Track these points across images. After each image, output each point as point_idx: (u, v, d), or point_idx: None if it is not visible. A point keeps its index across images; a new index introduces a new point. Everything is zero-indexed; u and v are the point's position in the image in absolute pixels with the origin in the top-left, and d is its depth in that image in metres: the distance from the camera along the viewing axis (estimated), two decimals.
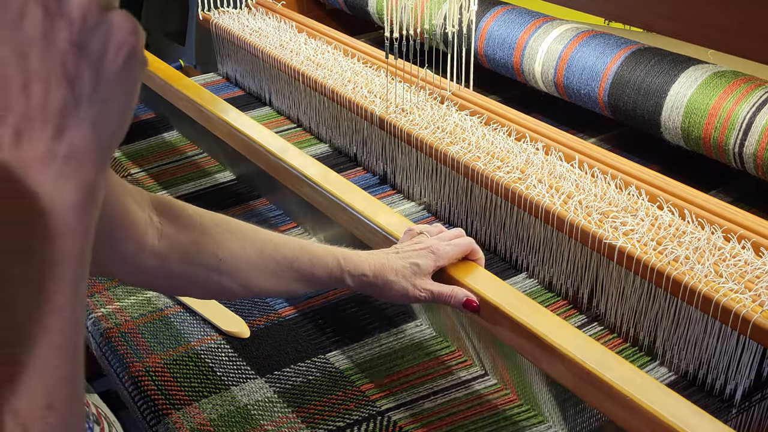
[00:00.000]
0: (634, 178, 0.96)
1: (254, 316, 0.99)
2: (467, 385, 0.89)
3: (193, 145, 1.42)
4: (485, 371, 0.90)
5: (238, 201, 1.26)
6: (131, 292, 1.03)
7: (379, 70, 1.28)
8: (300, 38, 1.43)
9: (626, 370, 0.72)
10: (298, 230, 1.17)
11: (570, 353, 0.74)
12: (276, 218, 1.21)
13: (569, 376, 0.74)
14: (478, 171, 1.01)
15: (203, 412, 0.85)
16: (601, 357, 0.74)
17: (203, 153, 1.40)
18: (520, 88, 1.45)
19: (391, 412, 0.86)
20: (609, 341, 0.92)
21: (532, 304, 0.81)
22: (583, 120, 1.35)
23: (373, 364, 0.92)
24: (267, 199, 1.25)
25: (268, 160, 1.13)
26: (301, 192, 1.08)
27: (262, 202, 1.25)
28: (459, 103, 1.16)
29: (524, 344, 0.78)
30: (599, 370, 0.72)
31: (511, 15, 1.35)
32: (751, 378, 0.82)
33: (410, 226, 0.90)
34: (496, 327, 0.81)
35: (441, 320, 0.95)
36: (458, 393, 0.88)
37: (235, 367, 0.91)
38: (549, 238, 0.96)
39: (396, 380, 0.90)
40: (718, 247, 0.85)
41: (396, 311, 1.00)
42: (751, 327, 0.76)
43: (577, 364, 0.73)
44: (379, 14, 1.57)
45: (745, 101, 1.03)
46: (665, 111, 1.11)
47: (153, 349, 0.94)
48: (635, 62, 1.17)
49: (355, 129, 1.25)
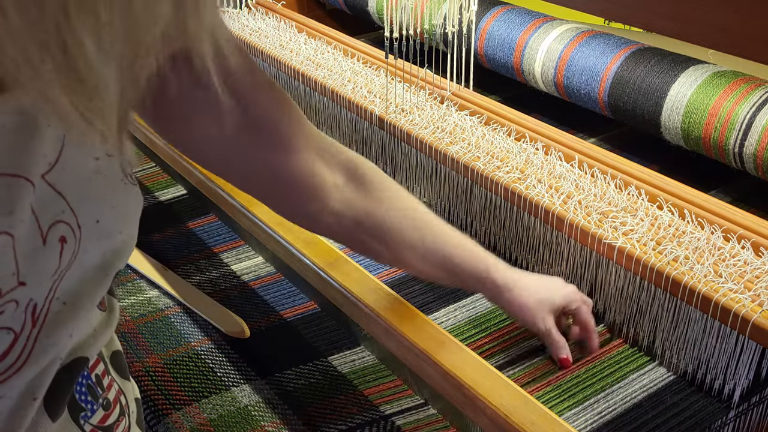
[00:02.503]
0: (634, 178, 0.96)
1: (254, 317, 0.99)
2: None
3: (146, 158, 1.36)
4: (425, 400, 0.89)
5: (186, 217, 1.20)
6: (131, 292, 1.03)
7: (379, 70, 1.28)
8: (300, 38, 1.43)
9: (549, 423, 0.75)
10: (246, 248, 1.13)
11: (493, 404, 0.77)
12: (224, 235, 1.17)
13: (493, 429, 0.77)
14: (478, 171, 1.01)
15: (203, 412, 0.85)
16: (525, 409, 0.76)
17: (156, 166, 1.34)
18: (520, 88, 1.45)
19: (395, 417, 0.86)
20: (608, 341, 0.92)
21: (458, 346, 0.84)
22: (583, 120, 1.35)
23: (376, 369, 0.92)
24: (216, 216, 1.20)
25: (200, 181, 1.15)
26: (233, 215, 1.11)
27: (211, 219, 1.20)
28: (459, 103, 1.16)
29: (449, 390, 0.81)
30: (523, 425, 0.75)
31: (511, 15, 1.35)
32: (750, 378, 0.82)
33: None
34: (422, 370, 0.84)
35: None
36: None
37: (235, 368, 0.91)
38: (549, 238, 0.96)
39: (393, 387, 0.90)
40: (717, 247, 0.85)
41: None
42: (750, 327, 0.76)
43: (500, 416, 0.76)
44: (379, 14, 1.57)
45: (745, 101, 1.03)
46: (665, 111, 1.11)
47: (153, 349, 0.94)
48: (635, 62, 1.17)
49: (355, 129, 1.25)
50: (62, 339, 0.45)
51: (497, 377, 0.80)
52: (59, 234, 0.42)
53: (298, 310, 1.01)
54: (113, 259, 0.47)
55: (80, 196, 0.43)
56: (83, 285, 0.45)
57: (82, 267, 0.45)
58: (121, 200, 0.46)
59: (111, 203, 0.46)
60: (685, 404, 0.83)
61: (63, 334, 0.45)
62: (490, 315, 0.96)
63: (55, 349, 0.45)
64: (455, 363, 0.82)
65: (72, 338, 0.46)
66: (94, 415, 0.51)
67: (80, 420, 0.50)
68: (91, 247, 0.45)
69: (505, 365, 0.89)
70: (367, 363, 0.93)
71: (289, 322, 0.99)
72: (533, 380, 0.87)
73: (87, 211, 0.44)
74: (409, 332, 0.86)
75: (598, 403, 0.84)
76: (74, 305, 0.45)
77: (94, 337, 0.50)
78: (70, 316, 0.45)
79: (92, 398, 0.51)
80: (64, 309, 0.44)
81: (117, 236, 0.46)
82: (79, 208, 0.43)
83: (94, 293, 0.47)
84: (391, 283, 0.99)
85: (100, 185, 0.45)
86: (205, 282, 1.05)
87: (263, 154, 0.64)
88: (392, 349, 0.88)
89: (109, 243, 0.46)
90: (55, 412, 0.47)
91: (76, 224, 0.43)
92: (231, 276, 1.07)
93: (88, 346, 0.49)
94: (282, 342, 0.96)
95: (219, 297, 1.02)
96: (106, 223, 0.45)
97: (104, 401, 0.52)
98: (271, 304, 1.02)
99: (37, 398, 0.45)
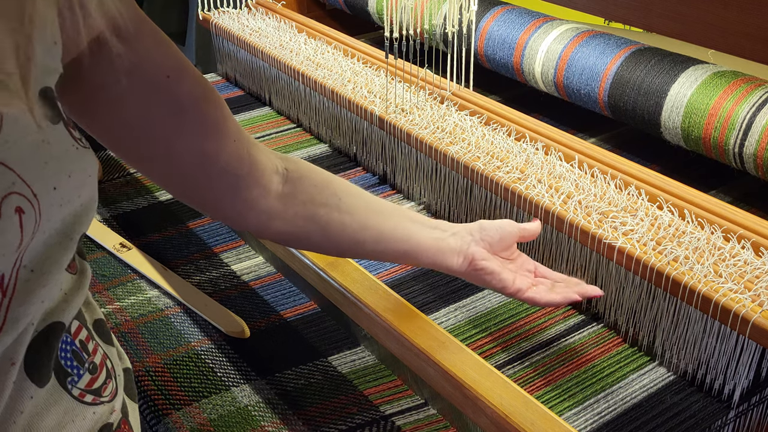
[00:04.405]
0: (634, 178, 0.96)
1: (255, 317, 0.99)
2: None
3: None
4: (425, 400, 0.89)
5: (186, 217, 1.20)
6: (131, 292, 1.03)
7: (379, 70, 1.28)
8: (300, 38, 1.43)
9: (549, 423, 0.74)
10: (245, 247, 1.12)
11: (492, 403, 0.76)
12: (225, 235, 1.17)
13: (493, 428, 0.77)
14: (478, 171, 1.01)
15: (203, 412, 0.85)
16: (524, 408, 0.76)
17: None
18: (520, 88, 1.45)
19: (395, 417, 0.86)
20: (608, 341, 0.92)
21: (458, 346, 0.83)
22: (583, 120, 1.35)
23: (377, 368, 0.92)
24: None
25: None
26: None
27: (210, 219, 1.19)
28: (459, 103, 1.16)
29: (449, 390, 0.80)
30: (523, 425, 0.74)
31: (511, 15, 1.35)
32: (750, 378, 0.82)
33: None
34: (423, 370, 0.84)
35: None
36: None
37: (235, 368, 0.91)
38: (548, 238, 0.96)
39: (393, 387, 0.90)
40: (717, 247, 0.85)
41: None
42: (750, 327, 0.76)
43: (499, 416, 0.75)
44: (379, 14, 1.57)
45: (745, 101, 1.03)
46: (665, 111, 1.11)
47: (153, 349, 0.94)
48: (635, 62, 1.17)
49: (355, 129, 1.25)
50: (34, 306, 0.47)
51: (497, 377, 0.80)
52: (13, 205, 0.43)
53: (298, 310, 1.01)
54: (74, 223, 0.48)
55: (29, 166, 0.44)
56: (48, 251, 0.47)
57: (44, 234, 0.46)
58: (76, 165, 0.48)
59: (65, 170, 0.47)
60: (685, 404, 0.83)
61: (34, 300, 0.47)
62: (490, 315, 0.96)
63: (27, 316, 0.46)
64: (455, 363, 0.82)
65: (44, 303, 0.48)
66: (81, 379, 0.53)
67: (68, 385, 0.52)
68: (53, 213, 0.46)
69: (505, 365, 0.89)
70: (367, 363, 0.93)
71: (289, 322, 0.99)
72: (533, 380, 0.87)
73: (41, 180, 0.45)
74: (409, 332, 0.86)
75: (598, 403, 0.84)
76: (42, 272, 0.47)
77: (66, 301, 0.51)
78: (38, 283, 0.47)
79: (78, 363, 0.53)
80: (33, 276, 0.46)
81: (76, 200, 0.48)
82: (30, 178, 0.44)
83: (60, 258, 0.48)
84: (391, 283, 1.00)
85: (50, 153, 0.46)
86: (205, 282, 1.05)
87: (194, 140, 0.62)
88: (392, 349, 0.88)
89: (70, 208, 0.47)
90: (40, 379, 0.49)
91: (31, 194, 0.44)
92: (231, 276, 1.07)
93: (61, 311, 0.51)
94: (282, 342, 0.96)
95: (219, 297, 1.02)
96: (64, 190, 0.47)
97: (90, 365, 0.54)
98: (271, 304, 1.02)
99: (15, 363, 0.47)
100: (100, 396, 0.54)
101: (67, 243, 0.48)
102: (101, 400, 0.54)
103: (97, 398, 0.54)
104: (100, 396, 0.54)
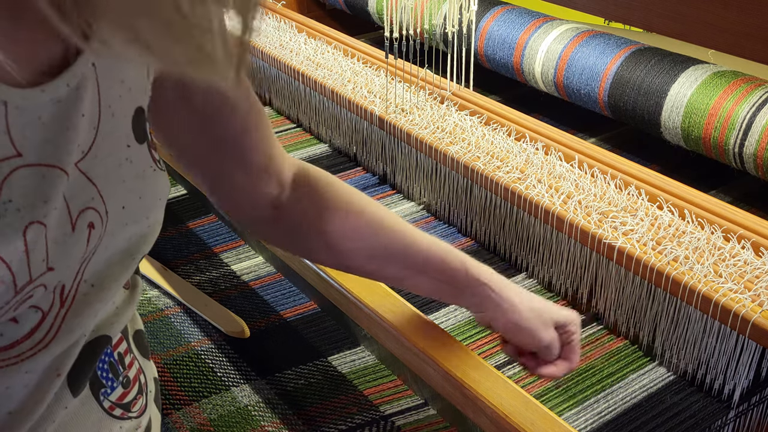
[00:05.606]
0: (634, 178, 0.96)
1: (255, 317, 0.99)
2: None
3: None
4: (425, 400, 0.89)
5: (186, 217, 1.21)
6: None
7: (379, 70, 1.28)
8: (300, 38, 1.43)
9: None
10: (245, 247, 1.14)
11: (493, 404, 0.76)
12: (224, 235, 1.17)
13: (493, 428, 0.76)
14: (478, 171, 1.01)
15: (203, 412, 0.85)
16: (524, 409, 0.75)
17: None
18: (520, 88, 1.45)
19: (395, 417, 0.86)
20: (608, 341, 0.92)
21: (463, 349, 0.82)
22: (583, 120, 1.35)
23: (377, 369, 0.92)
24: (215, 216, 1.20)
25: None
26: None
27: (210, 219, 1.20)
28: (459, 103, 1.16)
29: (449, 390, 0.80)
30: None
31: (511, 15, 1.35)
32: (750, 378, 0.82)
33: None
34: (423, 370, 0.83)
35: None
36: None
37: (235, 368, 0.91)
38: (549, 237, 0.96)
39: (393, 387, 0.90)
40: (717, 247, 0.85)
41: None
42: (750, 327, 0.76)
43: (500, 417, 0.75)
44: (379, 14, 1.57)
45: (745, 101, 1.03)
46: (665, 111, 1.11)
47: (153, 349, 0.94)
48: (635, 62, 1.17)
49: (355, 129, 1.25)
50: (88, 319, 0.46)
51: (497, 377, 0.80)
52: (88, 220, 0.43)
53: (298, 310, 1.01)
54: (139, 243, 0.48)
55: (109, 183, 0.44)
56: (110, 268, 0.47)
57: (108, 251, 0.46)
58: (149, 187, 0.47)
59: (138, 190, 0.47)
60: (685, 404, 0.83)
61: (89, 313, 0.46)
62: None
63: (80, 328, 0.46)
64: (455, 363, 0.82)
65: (97, 317, 0.48)
66: (114, 392, 0.52)
67: (100, 396, 0.51)
68: (118, 231, 0.46)
69: (505, 365, 0.89)
70: (367, 363, 0.93)
71: (289, 322, 0.99)
72: (533, 380, 0.87)
73: (114, 197, 0.45)
74: (409, 332, 0.86)
75: (598, 403, 0.84)
76: (101, 287, 0.46)
77: (116, 315, 0.51)
78: (96, 297, 0.46)
79: (113, 375, 0.52)
80: (92, 291, 0.46)
81: (144, 221, 0.48)
82: (107, 195, 0.44)
83: (120, 275, 0.48)
84: None
85: (129, 172, 0.46)
86: (205, 282, 1.05)
87: (231, 123, 0.60)
88: (392, 349, 0.88)
89: (136, 228, 0.47)
90: (77, 388, 0.49)
91: (104, 210, 0.44)
92: (231, 276, 1.07)
93: (110, 325, 0.50)
94: (282, 342, 0.96)
95: (219, 297, 1.02)
96: (133, 209, 0.46)
97: (124, 379, 0.53)
98: (271, 304, 1.02)
99: (62, 374, 0.46)
100: (129, 411, 0.53)
101: (129, 262, 0.48)
102: (129, 415, 0.53)
103: (125, 413, 0.53)
104: (129, 411, 0.53)
